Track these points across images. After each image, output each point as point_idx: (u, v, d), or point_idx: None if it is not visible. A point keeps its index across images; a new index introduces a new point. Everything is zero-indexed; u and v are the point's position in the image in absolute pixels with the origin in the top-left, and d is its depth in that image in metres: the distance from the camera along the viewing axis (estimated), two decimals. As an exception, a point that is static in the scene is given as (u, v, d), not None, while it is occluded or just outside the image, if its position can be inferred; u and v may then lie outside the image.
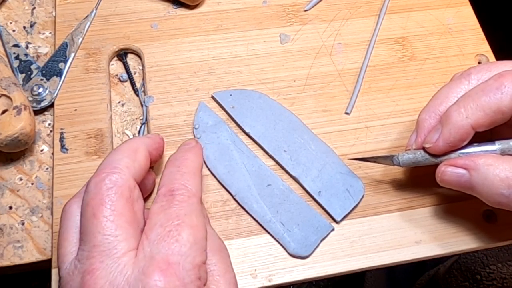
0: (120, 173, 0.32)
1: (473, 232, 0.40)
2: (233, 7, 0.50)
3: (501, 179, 0.33)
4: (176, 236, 0.30)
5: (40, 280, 0.89)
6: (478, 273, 0.59)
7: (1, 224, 0.40)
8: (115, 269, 0.29)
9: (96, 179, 0.31)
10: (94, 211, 0.30)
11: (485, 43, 0.49)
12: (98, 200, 0.30)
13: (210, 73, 0.46)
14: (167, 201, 0.32)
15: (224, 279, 0.32)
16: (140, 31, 0.48)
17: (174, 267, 0.29)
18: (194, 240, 0.30)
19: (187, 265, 0.29)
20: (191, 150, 0.36)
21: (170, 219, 0.31)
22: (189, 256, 0.29)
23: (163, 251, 0.29)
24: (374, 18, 0.50)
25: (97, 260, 0.29)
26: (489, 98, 0.34)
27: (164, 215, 0.31)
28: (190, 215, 0.31)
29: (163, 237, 0.30)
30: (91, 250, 0.29)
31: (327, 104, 0.45)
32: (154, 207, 0.32)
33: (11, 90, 0.41)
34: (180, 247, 0.29)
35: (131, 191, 0.32)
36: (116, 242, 0.29)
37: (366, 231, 0.40)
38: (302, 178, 0.41)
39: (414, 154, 0.38)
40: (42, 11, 0.49)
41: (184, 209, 0.31)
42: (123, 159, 0.33)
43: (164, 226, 0.30)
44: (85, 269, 0.29)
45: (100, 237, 0.29)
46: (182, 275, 0.29)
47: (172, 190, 0.32)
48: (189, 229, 0.30)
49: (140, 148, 0.34)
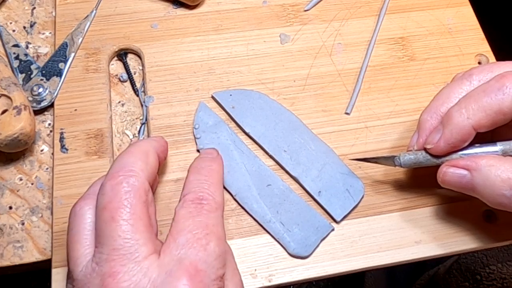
0: (136, 176, 0.32)
1: (473, 232, 0.40)
2: (233, 7, 0.50)
3: (502, 180, 0.33)
4: (205, 245, 0.30)
5: (40, 280, 0.89)
6: (478, 273, 0.59)
7: (1, 224, 0.40)
8: (139, 272, 0.29)
9: (112, 182, 0.31)
10: (112, 214, 0.30)
11: (485, 43, 0.49)
12: (116, 203, 0.30)
13: (210, 73, 0.46)
14: (195, 208, 0.32)
15: (232, 283, 0.32)
16: (140, 31, 0.48)
17: (202, 274, 0.29)
18: (220, 252, 0.31)
19: (212, 275, 0.30)
20: (215, 160, 0.37)
21: (200, 227, 0.31)
22: (214, 267, 0.30)
23: (191, 257, 0.29)
24: (374, 18, 0.50)
25: (117, 263, 0.29)
26: (491, 99, 0.34)
27: (193, 222, 0.31)
28: (217, 227, 0.32)
29: (192, 243, 0.30)
30: (110, 253, 0.29)
31: (327, 104, 0.45)
32: (181, 212, 0.32)
33: (11, 90, 0.41)
34: (208, 256, 0.30)
35: (146, 194, 0.32)
36: (137, 246, 0.29)
37: (366, 231, 0.40)
38: (302, 178, 0.41)
39: (416, 154, 0.38)
40: (42, 11, 0.49)
41: (212, 219, 0.32)
42: (137, 162, 0.33)
43: (194, 233, 0.31)
44: (105, 271, 0.29)
45: (121, 241, 0.29)
46: (207, 283, 0.29)
47: (201, 199, 0.33)
48: (216, 240, 0.31)
49: (150, 151, 0.35)
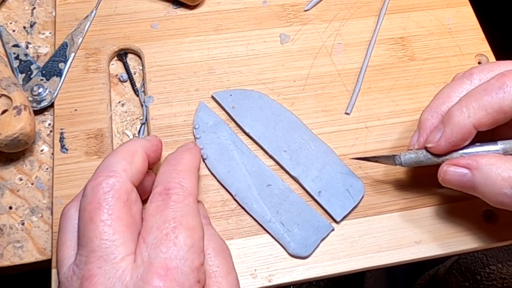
0: (117, 176, 0.31)
1: (473, 232, 0.40)
2: (233, 7, 0.50)
3: (503, 178, 0.33)
4: (174, 239, 0.29)
5: (40, 280, 0.89)
6: (478, 273, 0.59)
7: (1, 224, 0.40)
8: (114, 275, 0.28)
9: (93, 183, 0.31)
10: (91, 216, 0.30)
11: (485, 43, 0.49)
12: (95, 204, 0.30)
13: (210, 73, 0.46)
14: (162, 201, 0.31)
15: (226, 281, 0.32)
16: (140, 31, 0.48)
17: (173, 272, 0.28)
18: (192, 243, 0.30)
19: (186, 269, 0.29)
20: (188, 150, 0.36)
21: (166, 221, 0.30)
22: (188, 260, 0.29)
23: (161, 255, 0.29)
24: (374, 18, 0.50)
25: (95, 266, 0.29)
26: (491, 97, 0.34)
27: (161, 217, 0.30)
28: (187, 217, 0.31)
29: (160, 241, 0.29)
30: (88, 255, 0.29)
31: (327, 104, 0.45)
32: (150, 208, 0.31)
33: (11, 90, 0.41)
34: (178, 251, 0.29)
35: (128, 194, 0.31)
36: (114, 247, 0.29)
37: (366, 231, 0.40)
38: (302, 178, 0.41)
39: (416, 154, 0.37)
40: (42, 11, 0.49)
41: (180, 210, 0.31)
42: (120, 162, 0.32)
43: (161, 229, 0.30)
44: (83, 274, 0.29)
45: (98, 242, 0.29)
46: (181, 280, 0.29)
47: (168, 189, 0.32)
48: (186, 231, 0.30)
49: (137, 150, 0.34)
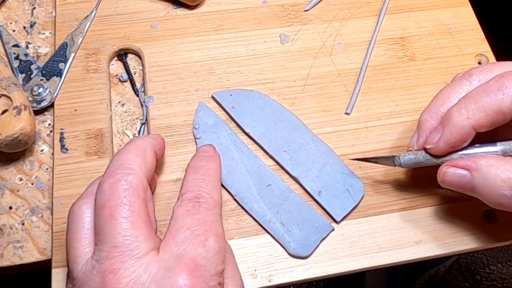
0: (135, 174, 0.32)
1: (473, 232, 0.40)
2: (233, 7, 0.50)
3: (502, 179, 0.33)
4: (204, 241, 0.31)
5: (40, 280, 0.89)
6: (478, 273, 0.59)
7: (1, 224, 0.40)
8: (139, 268, 0.29)
9: (111, 180, 0.31)
10: (111, 212, 0.30)
11: (485, 43, 0.49)
12: (115, 201, 0.30)
13: (210, 73, 0.46)
14: (193, 206, 0.32)
15: (232, 281, 0.33)
16: (140, 31, 0.48)
17: (201, 269, 0.30)
18: (219, 248, 0.31)
19: (211, 270, 0.30)
20: (212, 159, 0.37)
21: (198, 224, 0.31)
22: (214, 262, 0.30)
23: (191, 252, 0.30)
24: (374, 18, 0.50)
25: (118, 260, 0.29)
26: (490, 98, 0.34)
27: (191, 219, 0.32)
28: (216, 224, 0.32)
29: (191, 240, 0.30)
30: (110, 250, 0.29)
31: (327, 104, 0.45)
32: (179, 210, 0.32)
33: (11, 90, 0.41)
34: (207, 252, 0.30)
35: (145, 192, 0.32)
36: (137, 243, 0.30)
37: (366, 231, 0.40)
38: (302, 178, 0.41)
39: (416, 154, 0.38)
40: (42, 11, 0.49)
41: (210, 217, 0.32)
42: (135, 159, 0.33)
43: (192, 230, 0.31)
44: (105, 268, 0.29)
45: (121, 238, 0.29)
46: (207, 278, 0.30)
47: (199, 197, 0.33)
48: (215, 236, 0.31)
49: (147, 148, 0.35)
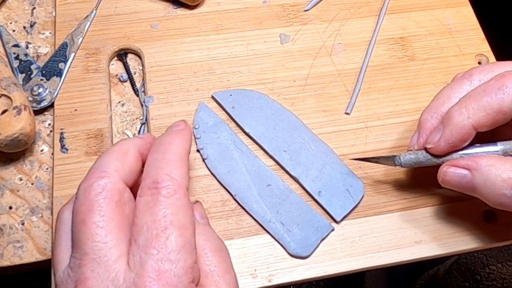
0: (109, 177, 0.31)
1: (473, 232, 0.40)
2: (233, 7, 0.50)
3: (503, 179, 0.33)
4: (165, 240, 0.28)
5: (40, 280, 0.89)
6: (478, 273, 0.59)
7: (1, 224, 0.40)
8: (107, 278, 0.28)
9: (84, 184, 0.30)
10: (83, 218, 0.29)
11: (485, 43, 0.49)
12: (86, 206, 0.29)
13: (210, 73, 0.46)
14: (151, 195, 0.30)
15: (224, 280, 0.32)
16: (140, 31, 0.48)
17: (166, 275, 0.28)
18: (183, 242, 0.29)
19: (178, 271, 0.28)
20: (178, 133, 0.34)
21: (156, 220, 0.29)
22: (180, 261, 0.28)
23: (152, 258, 0.28)
24: (374, 18, 0.50)
25: (88, 269, 0.28)
26: (491, 98, 0.34)
27: (150, 215, 0.29)
28: (178, 214, 0.30)
29: (151, 242, 0.28)
30: (82, 258, 0.28)
31: (327, 104, 0.45)
32: (139, 204, 0.30)
33: (11, 90, 0.41)
34: (170, 253, 0.28)
35: (121, 194, 0.31)
36: (106, 249, 0.28)
37: (366, 231, 0.40)
38: (302, 178, 0.41)
39: (416, 154, 0.38)
40: (42, 11, 0.49)
41: (171, 207, 0.30)
42: (112, 162, 0.32)
43: (152, 229, 0.29)
44: (77, 278, 0.28)
45: (90, 244, 0.28)
46: (174, 283, 0.28)
47: (157, 182, 0.30)
48: (177, 230, 0.29)
49: (130, 149, 0.33)
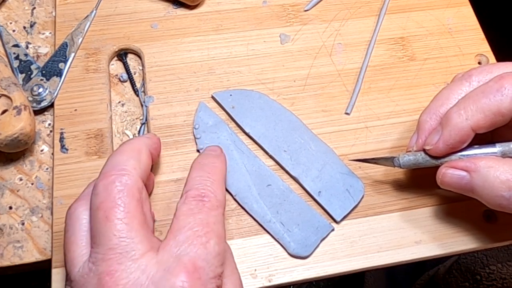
0: (129, 174, 0.32)
1: (473, 232, 0.40)
2: (233, 7, 0.50)
3: (501, 181, 0.33)
4: (205, 242, 0.30)
5: (40, 280, 0.89)
6: (478, 273, 0.59)
7: (1, 224, 0.40)
8: (136, 269, 0.29)
9: (105, 181, 0.31)
10: (106, 214, 0.30)
11: (485, 43, 0.49)
12: (110, 202, 0.30)
13: (210, 73, 0.46)
14: (196, 205, 0.32)
15: (230, 281, 0.32)
16: (140, 31, 0.48)
17: (200, 271, 0.29)
18: (219, 251, 0.31)
19: (210, 273, 0.30)
20: (219, 158, 0.36)
21: (200, 224, 0.31)
22: (213, 265, 0.30)
23: (191, 254, 0.29)
24: (374, 18, 0.50)
25: (114, 262, 0.29)
26: (489, 100, 0.34)
27: (194, 219, 0.31)
28: (218, 225, 0.32)
29: (192, 241, 0.30)
30: (106, 252, 0.29)
31: (327, 104, 0.45)
32: (182, 208, 0.32)
33: (11, 90, 0.41)
34: (207, 254, 0.30)
35: (140, 192, 0.32)
36: (133, 244, 0.29)
37: (366, 231, 0.40)
38: (302, 178, 0.41)
39: (415, 155, 0.38)
40: (42, 11, 0.49)
41: (213, 217, 0.32)
42: (129, 160, 0.33)
43: (194, 231, 0.30)
44: (101, 270, 0.29)
45: (116, 240, 0.29)
46: (205, 280, 0.29)
47: (203, 196, 0.32)
48: (216, 238, 0.31)
49: (142, 148, 0.35)
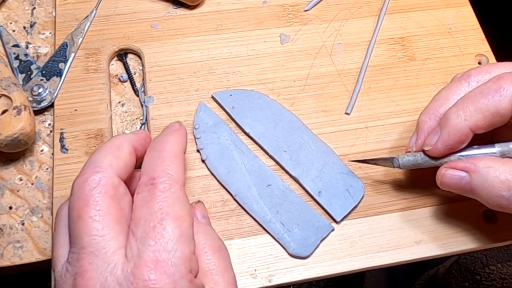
0: (103, 172, 0.31)
1: (473, 232, 0.40)
2: (233, 7, 0.50)
3: (501, 181, 0.33)
4: (161, 231, 0.29)
5: (40, 280, 0.89)
6: (477, 273, 0.59)
7: (1, 224, 0.40)
8: (105, 270, 0.28)
9: (79, 180, 0.31)
10: (79, 213, 0.30)
11: (485, 43, 0.49)
12: (82, 201, 0.30)
13: (210, 73, 0.46)
14: (148, 191, 0.31)
15: (223, 279, 0.32)
16: (140, 31, 0.48)
17: (163, 264, 0.28)
18: (180, 232, 0.30)
19: (175, 260, 0.29)
20: (173, 133, 0.35)
21: (153, 212, 0.30)
22: (177, 251, 0.29)
23: (149, 248, 0.29)
24: (374, 18, 0.50)
25: (86, 262, 0.29)
26: (488, 100, 0.34)
27: (147, 208, 0.30)
28: (174, 206, 0.30)
29: (148, 234, 0.29)
30: (79, 252, 0.29)
31: (327, 104, 0.45)
32: (136, 199, 0.31)
33: (11, 90, 0.41)
34: (167, 243, 0.29)
35: (115, 188, 0.31)
36: (104, 242, 0.29)
37: (366, 231, 0.40)
38: (302, 178, 0.41)
39: (414, 156, 0.38)
40: (42, 11, 0.49)
41: (167, 200, 0.30)
42: (106, 157, 0.32)
43: (149, 221, 0.29)
44: (76, 271, 0.29)
45: (87, 238, 0.29)
46: (171, 271, 0.28)
47: (154, 179, 0.31)
48: (173, 221, 0.30)
49: (123, 144, 0.34)
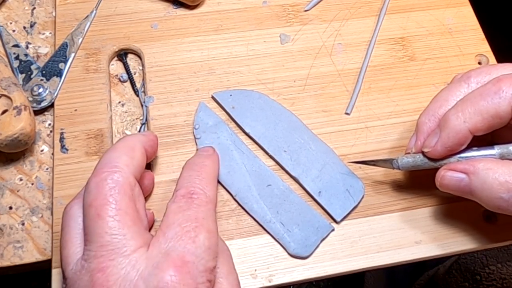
0: (121, 171, 0.32)
1: (473, 232, 0.40)
2: (233, 7, 0.50)
3: (500, 183, 0.33)
4: (194, 237, 0.31)
5: (40, 280, 0.89)
6: (477, 273, 0.59)
7: (1, 224, 0.40)
8: (127, 265, 0.29)
9: (97, 179, 0.31)
10: (98, 212, 0.30)
11: (485, 43, 0.49)
12: (101, 200, 0.31)
13: (210, 73, 0.46)
14: (185, 202, 0.32)
15: (227, 281, 0.32)
16: (140, 31, 0.48)
17: (189, 265, 0.29)
18: (209, 245, 0.31)
19: (200, 267, 0.30)
20: (209, 157, 0.37)
21: (189, 220, 0.31)
22: (203, 259, 0.30)
23: (179, 249, 0.30)
24: (374, 18, 0.50)
25: (106, 259, 0.29)
26: (487, 102, 0.34)
27: (183, 215, 0.32)
28: (207, 219, 0.32)
29: (181, 236, 0.30)
30: (98, 249, 0.29)
31: (327, 104, 0.45)
32: (172, 207, 0.32)
33: (11, 90, 0.41)
34: (196, 249, 0.30)
35: (132, 189, 0.32)
36: (125, 241, 0.30)
37: (366, 231, 0.40)
38: (302, 178, 0.41)
39: (414, 158, 0.38)
40: (42, 11, 0.49)
41: (202, 213, 0.32)
42: (122, 157, 0.33)
43: (183, 226, 0.31)
44: (93, 267, 0.29)
45: (108, 237, 0.30)
46: (195, 274, 0.29)
47: (192, 193, 0.33)
48: (206, 232, 0.31)
49: (136, 145, 0.35)
